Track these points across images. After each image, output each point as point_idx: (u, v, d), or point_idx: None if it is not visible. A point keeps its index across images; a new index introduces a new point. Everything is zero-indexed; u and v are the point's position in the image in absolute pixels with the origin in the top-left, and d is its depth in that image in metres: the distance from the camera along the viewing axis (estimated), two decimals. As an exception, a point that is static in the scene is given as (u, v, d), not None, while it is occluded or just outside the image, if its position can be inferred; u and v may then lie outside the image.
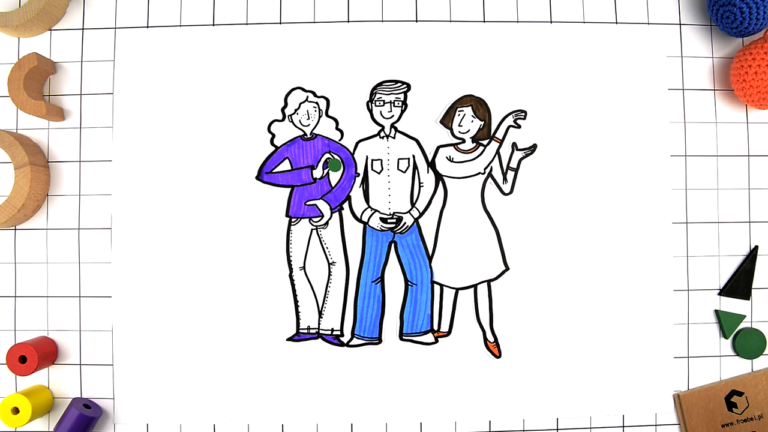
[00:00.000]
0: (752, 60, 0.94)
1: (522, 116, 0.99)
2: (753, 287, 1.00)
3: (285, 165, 0.99)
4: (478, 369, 0.98)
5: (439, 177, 0.99)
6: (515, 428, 0.99)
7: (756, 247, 1.01)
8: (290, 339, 0.98)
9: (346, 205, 0.99)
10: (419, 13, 1.01)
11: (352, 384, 0.98)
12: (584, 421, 0.99)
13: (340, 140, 0.99)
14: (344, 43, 1.00)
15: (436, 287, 0.99)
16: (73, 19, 1.00)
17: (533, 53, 1.00)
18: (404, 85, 0.99)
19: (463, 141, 0.99)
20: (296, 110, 0.99)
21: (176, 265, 0.98)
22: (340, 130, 0.99)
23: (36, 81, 0.97)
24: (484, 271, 0.99)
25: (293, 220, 0.99)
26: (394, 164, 0.99)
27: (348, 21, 1.01)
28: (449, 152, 0.99)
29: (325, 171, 0.99)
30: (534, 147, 1.00)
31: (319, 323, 0.99)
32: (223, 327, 0.98)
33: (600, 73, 1.00)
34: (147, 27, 1.00)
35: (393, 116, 0.99)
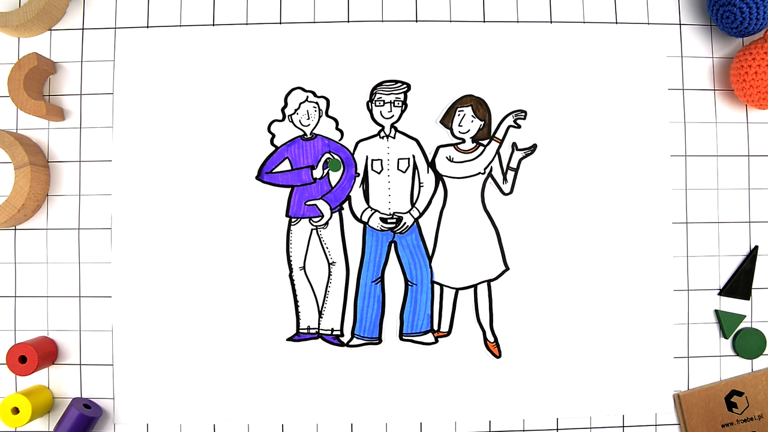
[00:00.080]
0: (752, 60, 0.94)
1: (522, 116, 0.99)
2: (753, 287, 1.00)
3: (285, 165, 0.99)
4: (478, 369, 0.98)
5: (439, 177, 0.99)
6: (515, 428, 0.99)
7: (756, 247, 1.01)
8: (290, 339, 0.98)
9: (346, 205, 0.99)
10: (419, 13, 1.01)
11: (352, 384, 0.98)
12: (584, 421, 0.99)
13: (340, 140, 0.99)
14: (344, 43, 1.00)
15: (436, 287, 0.99)
16: (73, 19, 1.00)
17: (533, 53, 1.00)
18: (404, 85, 0.99)
19: (463, 141, 0.99)
20: (296, 110, 0.99)
21: (176, 265, 0.98)
22: (340, 130, 0.99)
23: (36, 81, 0.97)
24: (484, 271, 0.99)
25: (293, 220, 0.99)
26: (394, 164, 0.99)
27: (348, 21, 1.01)
28: (449, 152, 0.99)
29: (325, 171, 0.99)
30: (534, 147, 1.00)
31: (319, 323, 0.99)
32: (223, 327, 0.98)
33: (600, 73, 1.00)
34: (147, 27, 1.00)
35: (393, 116, 0.99)
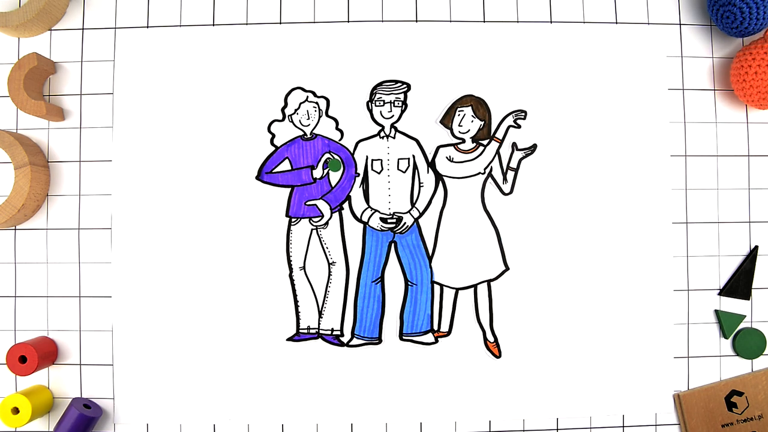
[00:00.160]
0: (752, 60, 0.94)
1: (522, 116, 0.99)
2: (753, 287, 1.00)
3: (285, 165, 0.99)
4: (478, 369, 0.98)
5: (439, 177, 0.99)
6: (515, 428, 0.99)
7: (756, 247, 1.01)
8: (290, 339, 0.98)
9: (346, 205, 0.99)
10: (419, 13, 1.01)
11: (352, 384, 0.98)
12: (584, 421, 0.99)
13: (340, 140, 0.99)
14: (344, 43, 1.00)
15: (436, 287, 0.99)
16: (73, 19, 1.00)
17: (533, 53, 1.00)
18: (404, 85, 0.99)
19: (463, 141, 0.99)
20: (296, 110, 0.99)
21: (176, 265, 0.98)
22: (340, 130, 0.99)
23: (36, 81, 0.97)
24: (484, 271, 0.99)
25: (293, 220, 0.99)
26: (394, 164, 0.99)
27: (348, 21, 1.01)
28: (449, 152, 0.99)
29: (325, 171, 0.99)
30: (534, 147, 1.00)
31: (319, 323, 0.99)
32: (223, 327, 0.98)
33: (600, 73, 1.00)
34: (147, 27, 1.00)
35: (393, 116, 0.99)
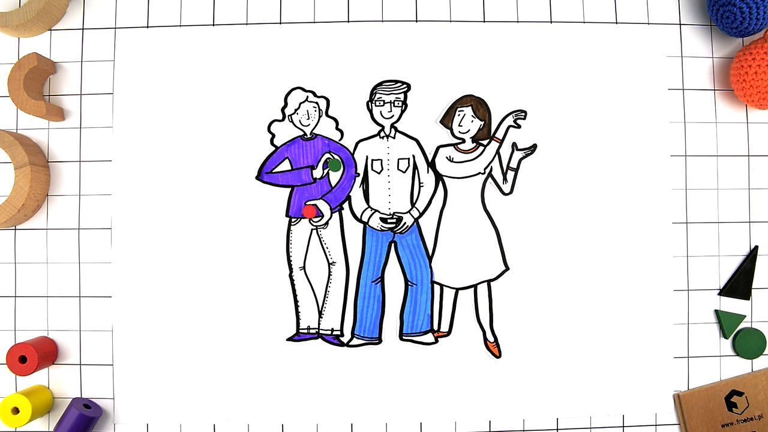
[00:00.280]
0: (752, 60, 0.94)
1: (522, 116, 0.99)
2: (753, 287, 1.00)
3: (285, 165, 0.99)
4: (478, 369, 0.98)
5: (439, 177, 0.99)
6: (515, 428, 0.99)
7: (756, 247, 1.01)
8: (290, 339, 0.98)
9: (346, 205, 0.99)
10: (419, 13, 1.01)
11: (352, 384, 0.98)
12: (584, 421, 0.99)
13: (340, 140, 0.99)
14: (344, 43, 1.00)
15: (436, 287, 0.99)
16: (73, 19, 1.00)
17: (533, 53, 1.00)
18: (404, 85, 0.99)
19: (463, 141, 0.99)
20: (296, 110, 0.99)
21: (176, 265, 0.98)
22: (340, 130, 0.99)
23: (36, 81, 0.97)
24: (484, 271, 0.99)
25: (293, 220, 0.99)
26: (394, 164, 0.99)
27: (348, 21, 1.01)
28: (449, 152, 0.99)
29: (325, 171, 0.99)
30: (534, 147, 1.00)
31: (319, 323, 0.99)
32: (223, 327, 0.98)
33: (600, 73, 1.00)
34: (147, 27, 1.00)
35: (393, 116, 0.99)
